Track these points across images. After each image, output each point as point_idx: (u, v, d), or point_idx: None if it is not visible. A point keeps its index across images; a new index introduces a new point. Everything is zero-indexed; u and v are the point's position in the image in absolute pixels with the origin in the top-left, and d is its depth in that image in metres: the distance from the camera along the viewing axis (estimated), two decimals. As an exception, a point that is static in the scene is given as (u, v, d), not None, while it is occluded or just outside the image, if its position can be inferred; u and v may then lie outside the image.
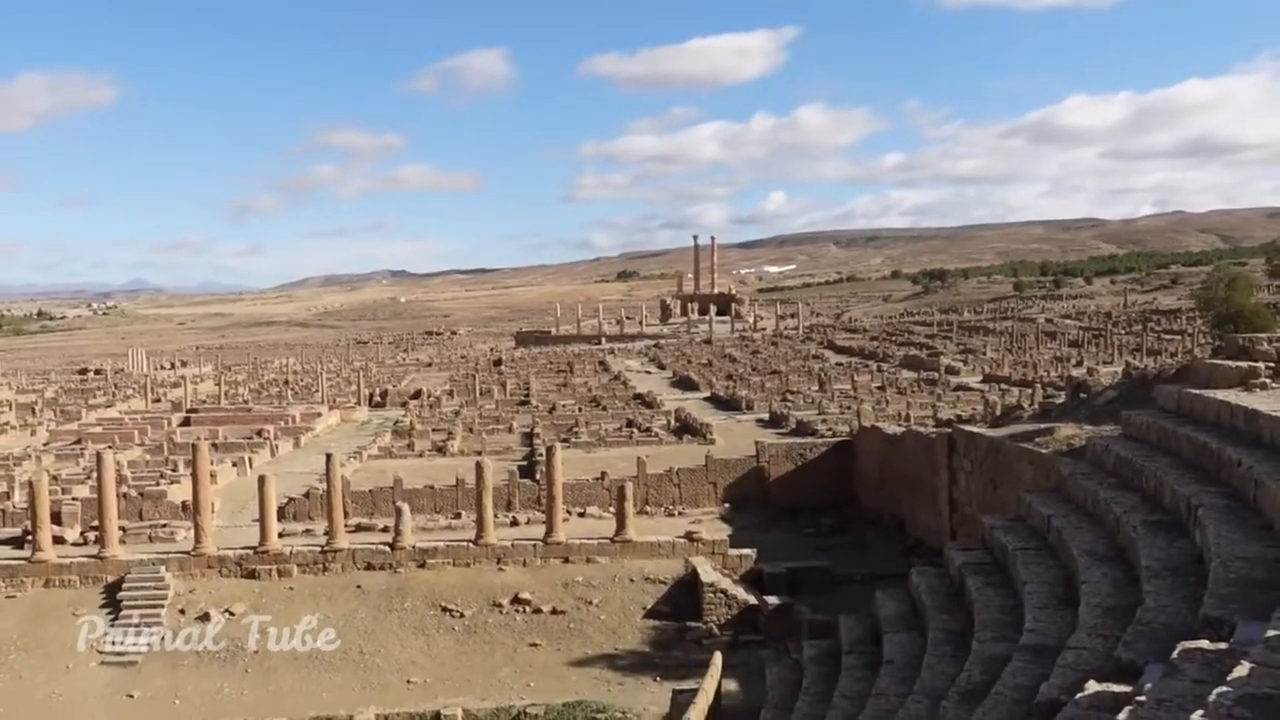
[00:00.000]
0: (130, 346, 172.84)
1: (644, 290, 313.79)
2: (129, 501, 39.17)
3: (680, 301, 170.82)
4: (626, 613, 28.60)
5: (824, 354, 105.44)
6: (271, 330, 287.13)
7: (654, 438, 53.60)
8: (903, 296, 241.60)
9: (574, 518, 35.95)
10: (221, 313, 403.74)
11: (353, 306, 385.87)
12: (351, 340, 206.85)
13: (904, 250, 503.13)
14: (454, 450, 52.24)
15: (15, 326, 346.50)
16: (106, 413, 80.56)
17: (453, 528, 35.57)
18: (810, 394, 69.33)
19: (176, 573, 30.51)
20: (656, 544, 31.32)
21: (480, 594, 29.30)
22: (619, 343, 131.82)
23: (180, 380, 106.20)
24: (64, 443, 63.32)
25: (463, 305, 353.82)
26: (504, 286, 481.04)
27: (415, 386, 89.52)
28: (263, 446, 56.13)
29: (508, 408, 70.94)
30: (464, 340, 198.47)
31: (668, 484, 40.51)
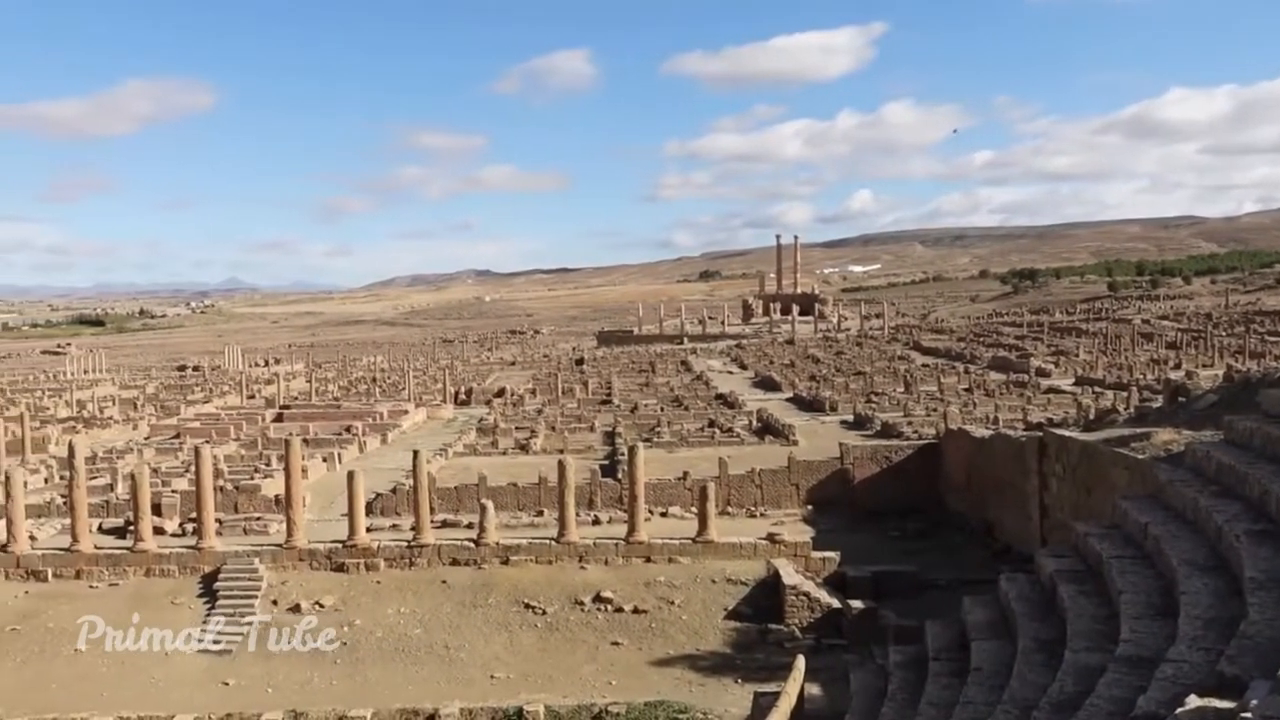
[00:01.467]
0: (226, 344, 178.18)
1: (726, 290, 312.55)
2: (225, 495, 40.40)
3: (762, 301, 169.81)
4: (708, 613, 28.51)
5: (910, 355, 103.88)
6: (360, 329, 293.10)
7: (736, 438, 53.39)
8: (991, 297, 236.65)
9: (656, 517, 35.99)
10: (312, 311, 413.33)
11: (438, 306, 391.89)
12: (437, 339, 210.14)
13: (992, 249, 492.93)
14: (537, 448, 52.71)
15: (118, 324, 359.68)
16: (204, 408, 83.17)
17: (535, 525, 35.90)
18: (895, 396, 68.35)
19: (269, 565, 31.31)
20: (738, 545, 31.17)
21: (562, 591, 29.49)
22: (701, 342, 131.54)
23: (273, 377, 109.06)
24: (164, 437, 65.55)
25: (546, 304, 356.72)
26: (586, 286, 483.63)
27: (499, 385, 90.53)
28: (351, 443, 57.36)
29: (590, 407, 71.31)
30: (547, 339, 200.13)
31: (750, 485, 40.33)
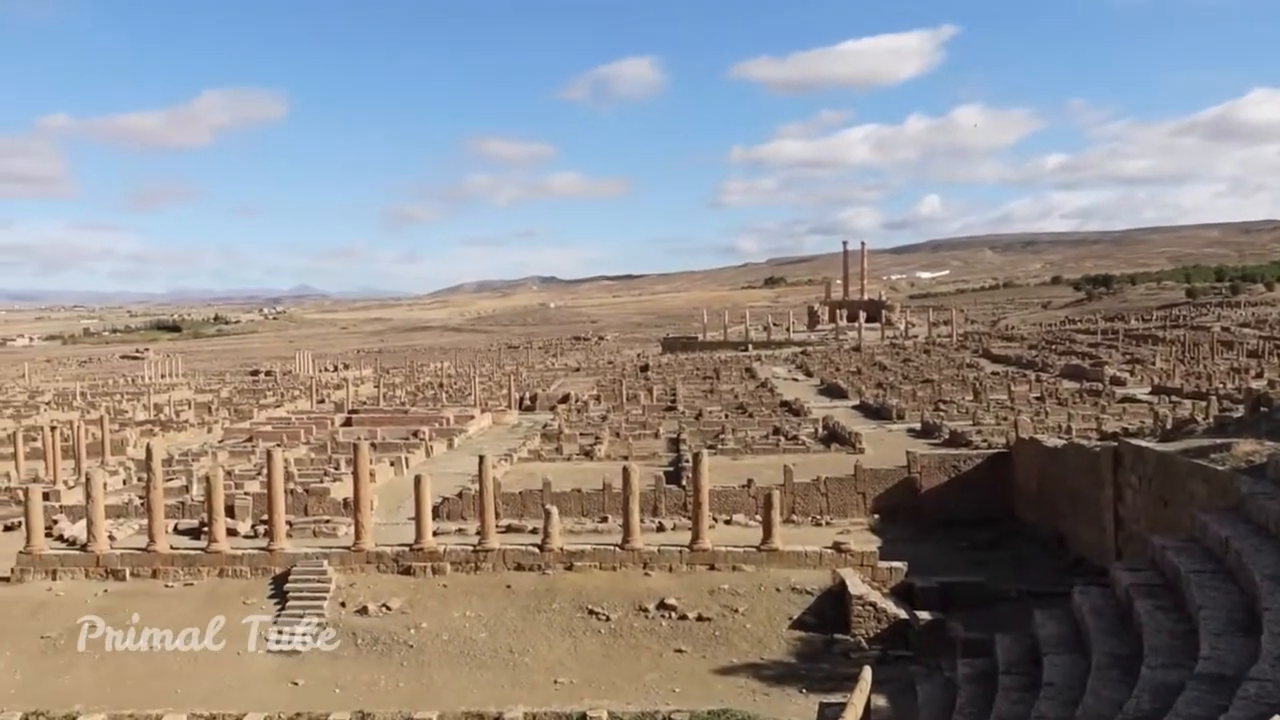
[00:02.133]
0: (297, 350, 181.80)
1: (791, 296, 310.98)
2: (295, 497, 41.13)
3: (828, 308, 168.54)
4: (772, 622, 28.29)
5: (979, 363, 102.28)
6: (427, 335, 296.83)
7: (801, 446, 53.02)
8: (1064, 303, 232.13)
9: (720, 525, 35.85)
10: (381, 318, 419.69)
11: (504, 312, 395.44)
12: (503, 345, 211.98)
13: (1065, 255, 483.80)
14: (601, 455, 52.86)
15: (194, 330, 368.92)
16: (275, 412, 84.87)
17: (599, 531, 35.98)
18: (964, 404, 67.32)
19: (338, 567, 31.76)
20: (803, 554, 30.89)
21: (626, 598, 29.48)
22: (766, 349, 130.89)
23: (342, 382, 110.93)
24: (237, 440, 66.98)
25: (610, 311, 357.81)
26: (651, 292, 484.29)
27: (564, 391, 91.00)
28: (418, 447, 58.07)
29: (654, 413, 71.33)
30: (611, 346, 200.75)
31: (815, 493, 39.98)
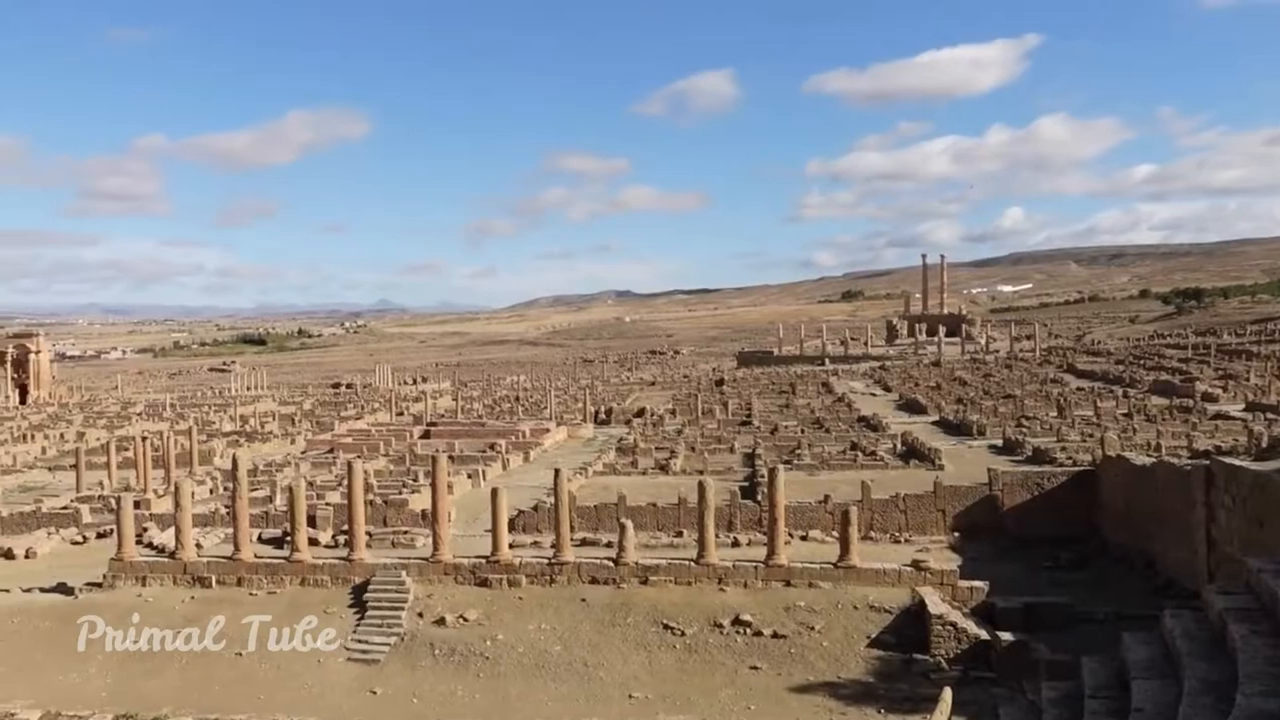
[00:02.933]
0: (377, 363, 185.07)
1: (869, 310, 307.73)
2: (374, 508, 41.81)
3: (907, 322, 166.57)
4: (850, 640, 27.87)
5: (1063, 378, 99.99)
6: (504, 348, 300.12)
7: (879, 462, 52.39)
8: (1152, 317, 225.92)
9: (796, 541, 35.49)
10: (459, 331, 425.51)
11: (580, 326, 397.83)
12: (578, 359, 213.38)
13: (1154, 268, 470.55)
14: (676, 469, 52.79)
15: (278, 343, 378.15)
16: (356, 424, 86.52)
17: (674, 546, 35.88)
18: (1048, 420, 65.85)
19: (416, 578, 32.12)
20: (882, 571, 30.41)
21: (701, 613, 29.31)
22: (843, 364, 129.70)
23: (421, 395, 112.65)
24: (319, 451, 68.44)
25: (686, 325, 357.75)
26: (727, 306, 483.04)
27: (639, 405, 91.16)
28: (495, 460, 58.65)
29: (729, 428, 71.09)
30: (686, 360, 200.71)
31: (894, 510, 39.39)
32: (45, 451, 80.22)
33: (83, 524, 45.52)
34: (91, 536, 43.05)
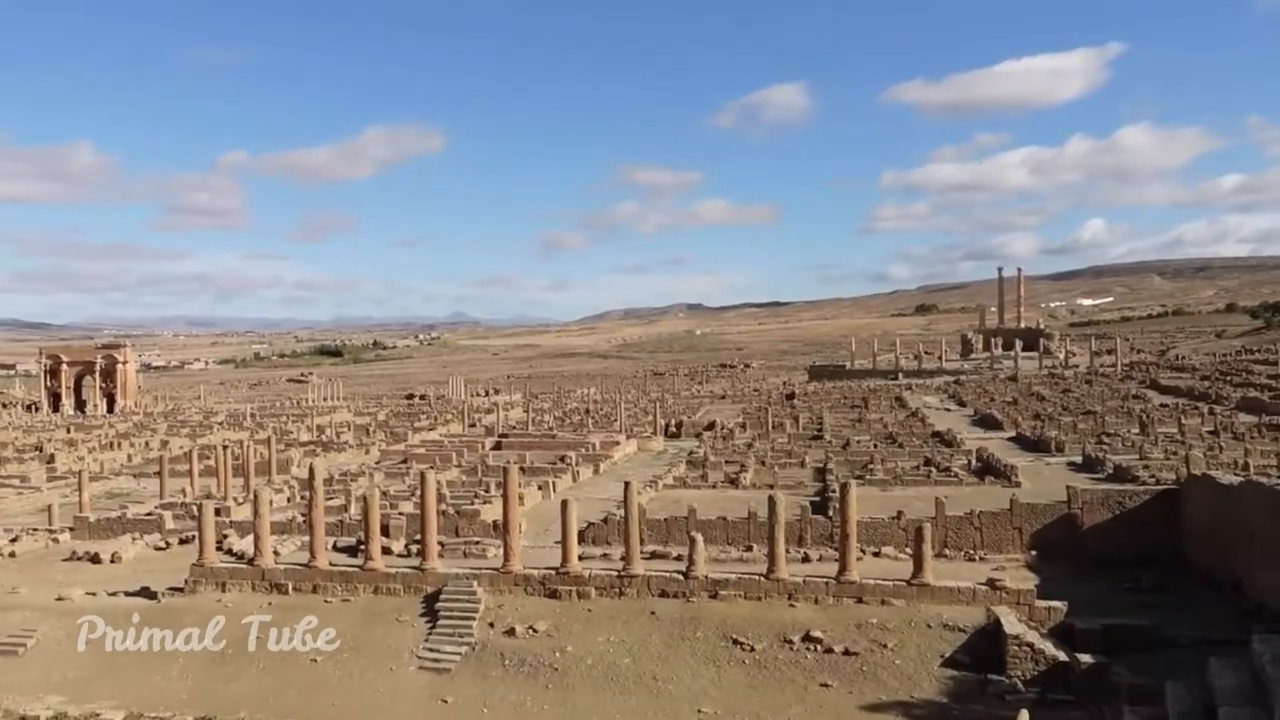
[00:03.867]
0: (450, 375, 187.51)
1: (943, 324, 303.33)
2: (446, 518, 42.27)
3: (983, 336, 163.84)
4: (923, 659, 27.40)
5: (1146, 394, 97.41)
6: (575, 361, 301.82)
7: (953, 478, 51.58)
8: (1240, 332, 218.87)
9: (868, 557, 35.05)
10: (530, 344, 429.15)
11: (650, 339, 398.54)
12: (648, 372, 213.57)
13: (1242, 281, 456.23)
14: (746, 483, 52.52)
15: (354, 355, 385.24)
16: (429, 435, 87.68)
17: (744, 560, 35.64)
18: (1130, 437, 64.22)
19: (487, 588, 32.38)
20: (956, 589, 29.86)
21: (771, 629, 29.07)
22: (916, 378, 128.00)
23: (493, 407, 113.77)
24: (392, 461, 69.40)
25: (756, 338, 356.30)
26: (798, 320, 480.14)
27: (709, 418, 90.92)
28: (565, 472, 58.91)
29: (800, 442, 70.56)
30: (757, 373, 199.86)
31: (968, 527, 38.66)
32: (131, 459, 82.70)
33: (166, 530, 46.78)
34: (174, 542, 44.22)
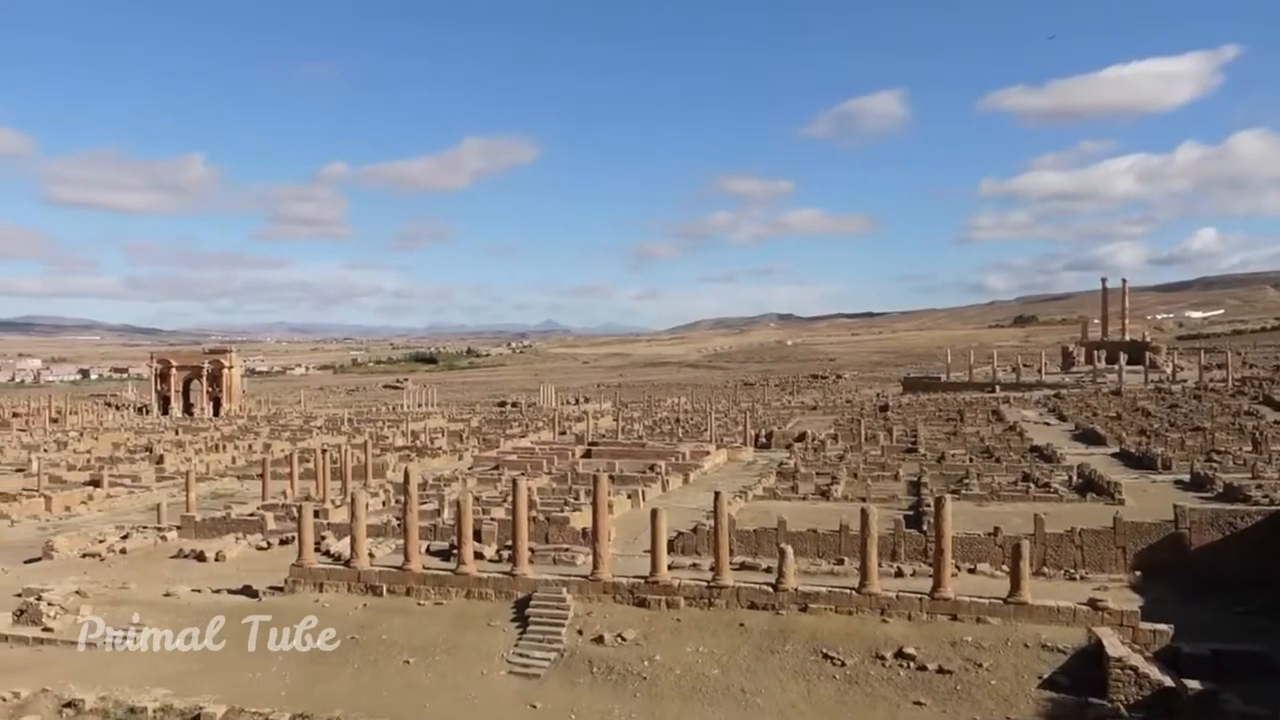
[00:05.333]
0: (541, 382, 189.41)
1: (1043, 336, 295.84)
2: (537, 525, 42.65)
3: (1085, 349, 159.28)
4: (1020, 680, 26.66)
5: (1259, 410, 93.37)
6: (665, 370, 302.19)
7: (1053, 494, 50.23)
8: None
9: (963, 573, 34.28)
10: (620, 352, 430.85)
11: (740, 349, 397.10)
12: (739, 382, 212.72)
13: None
14: (838, 495, 51.90)
15: (449, 362, 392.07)
16: (520, 442, 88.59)
17: (835, 573, 35.19)
18: (1241, 455, 61.68)
19: (576, 595, 32.53)
20: (1055, 609, 29.00)
21: (862, 644, 28.61)
22: (1014, 391, 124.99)
23: (583, 415, 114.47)
24: (485, 467, 70.35)
25: (848, 349, 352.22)
26: (891, 330, 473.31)
27: (800, 429, 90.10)
28: (654, 481, 58.93)
29: (893, 455, 69.49)
30: (849, 384, 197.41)
31: (1069, 545, 37.56)
32: (235, 461, 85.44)
33: (267, 530, 48.16)
34: (275, 542, 45.47)
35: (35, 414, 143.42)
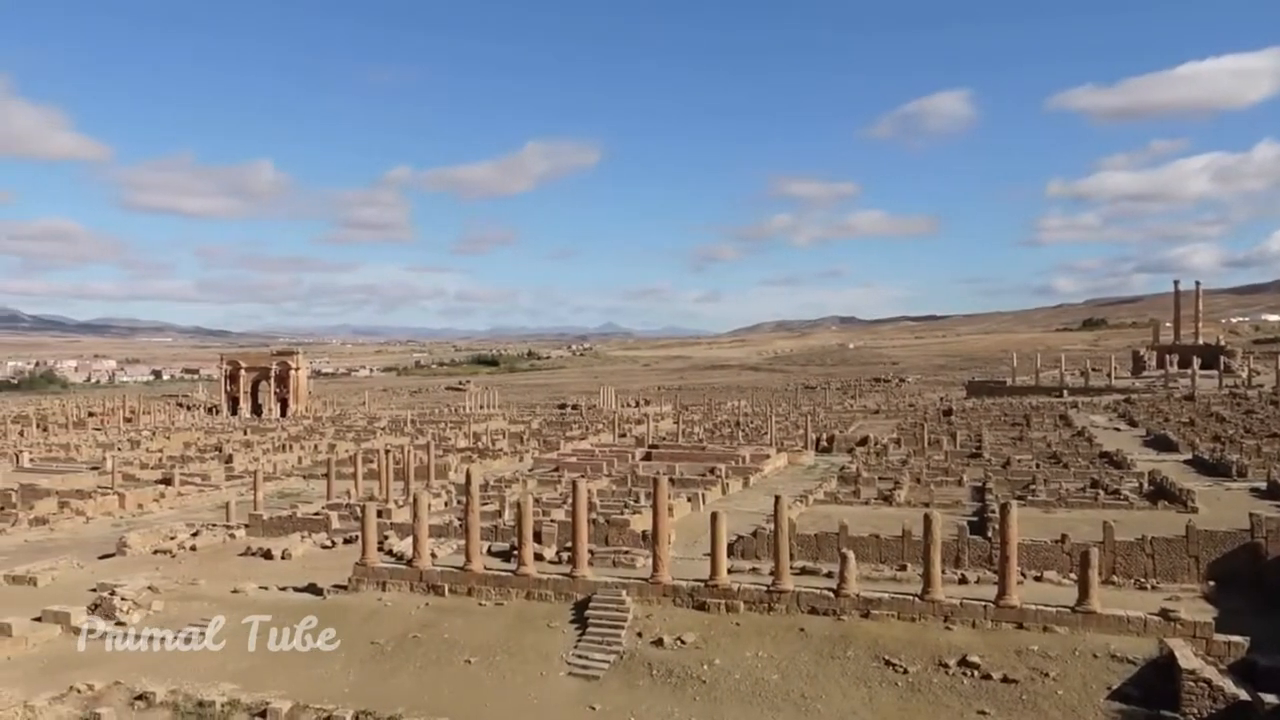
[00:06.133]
0: (602, 385, 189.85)
1: (1112, 340, 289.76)
2: (597, 527, 42.73)
3: (1156, 352, 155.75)
4: (1088, 691, 26.09)
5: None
6: (725, 373, 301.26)
7: (1123, 501, 49.12)
8: None
9: (1029, 581, 33.61)
10: (681, 355, 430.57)
11: (802, 352, 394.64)
12: (800, 385, 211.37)
13: None
14: (900, 500, 51.30)
15: (510, 364, 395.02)
16: (580, 444, 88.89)
17: (897, 579, 34.73)
18: (1320, 462, 59.65)
19: (635, 598, 32.56)
20: (1125, 619, 28.35)
21: (925, 651, 28.23)
22: (1083, 396, 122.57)
23: (643, 418, 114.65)
24: (545, 469, 70.72)
25: (912, 352, 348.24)
26: (955, 334, 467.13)
27: (861, 433, 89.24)
28: (714, 484, 58.72)
29: (957, 460, 68.50)
30: (912, 388, 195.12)
31: (1139, 553, 36.67)
32: (301, 461, 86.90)
33: (332, 529, 48.90)
34: (339, 541, 46.17)
35: (110, 414, 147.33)
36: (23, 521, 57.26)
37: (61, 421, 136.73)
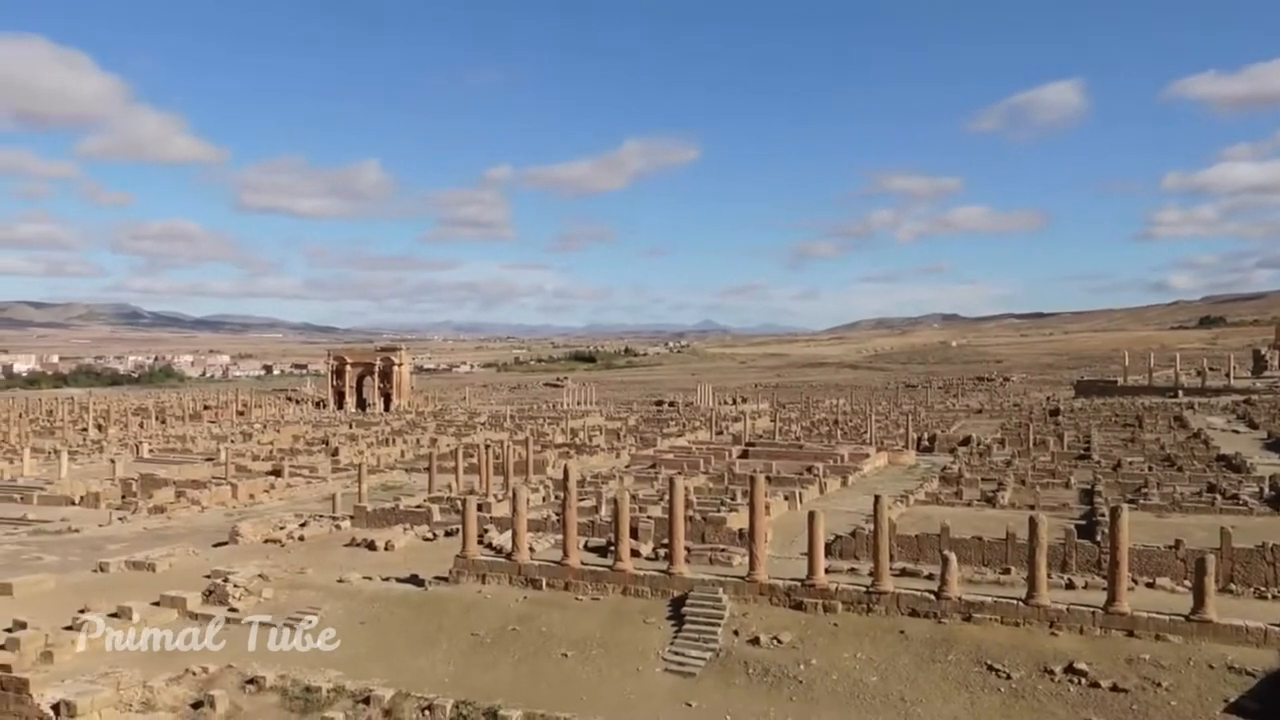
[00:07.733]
0: (699, 382, 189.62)
1: (1232, 338, 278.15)
2: (693, 524, 42.69)
3: (1279, 352, 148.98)
4: (1203, 703, 25.10)
5: None
6: (823, 371, 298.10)
7: (1241, 506, 47.20)
8: None
9: (1140, 587, 32.45)
10: (778, 353, 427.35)
11: (902, 350, 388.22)
12: (900, 383, 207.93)
13: None
14: (1004, 502, 50.16)
15: (607, 361, 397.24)
16: (677, 441, 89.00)
17: (1000, 583, 33.88)
18: None
19: (732, 595, 32.43)
20: (1244, 629, 27.19)
21: (1030, 657, 27.50)
22: (1199, 396, 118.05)
23: (740, 415, 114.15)
24: (642, 466, 70.93)
25: (1017, 350, 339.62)
26: (1063, 332, 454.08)
27: (964, 433, 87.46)
28: (812, 483, 58.18)
29: (1064, 461, 66.65)
30: (1017, 387, 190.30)
31: (1259, 561, 35.11)
32: (404, 455, 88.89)
33: (433, 522, 49.89)
34: (440, 534, 47.08)
35: (224, 407, 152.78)
36: (142, 510, 59.88)
37: (178, 414, 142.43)
